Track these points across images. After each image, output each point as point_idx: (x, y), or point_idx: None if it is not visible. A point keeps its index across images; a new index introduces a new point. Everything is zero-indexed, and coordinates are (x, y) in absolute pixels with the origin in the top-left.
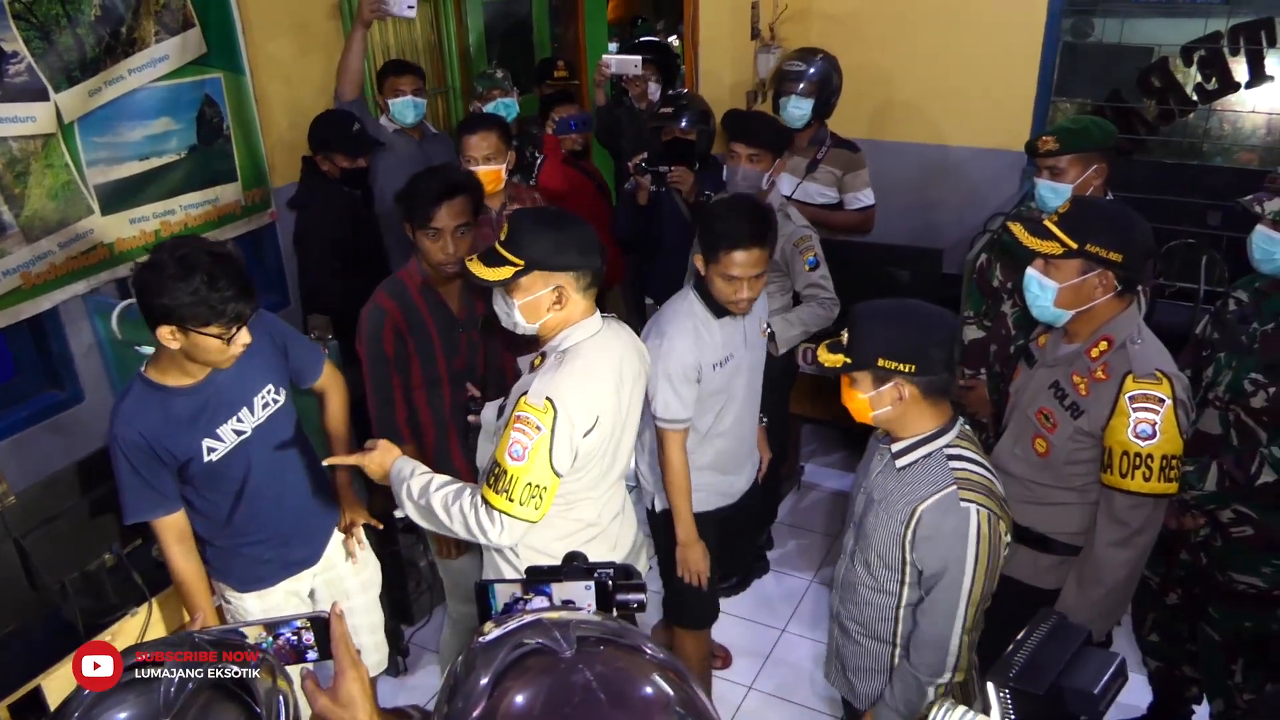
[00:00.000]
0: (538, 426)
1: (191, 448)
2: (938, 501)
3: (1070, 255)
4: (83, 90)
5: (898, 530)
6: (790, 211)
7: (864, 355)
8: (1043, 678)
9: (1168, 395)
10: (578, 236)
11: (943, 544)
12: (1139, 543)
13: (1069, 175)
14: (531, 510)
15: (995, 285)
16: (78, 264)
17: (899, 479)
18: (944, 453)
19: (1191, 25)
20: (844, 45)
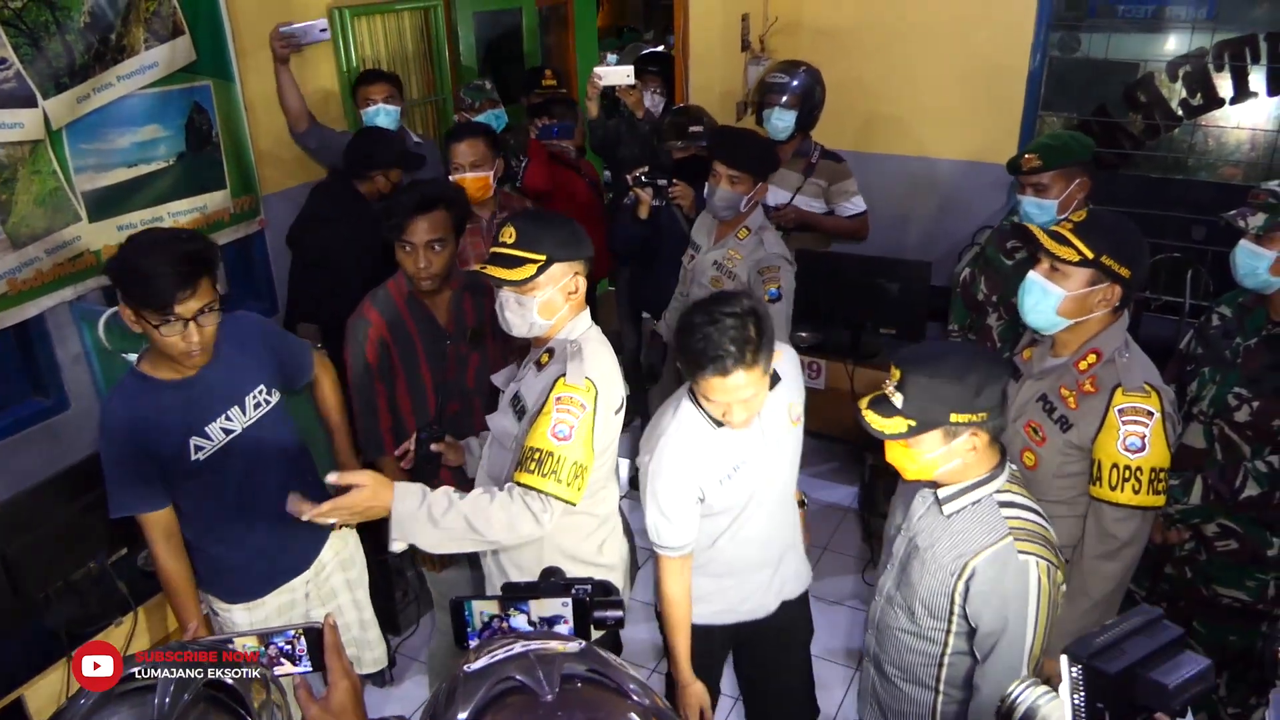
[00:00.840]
0: (583, 405)
1: (177, 444)
2: (994, 554)
3: (1085, 264)
4: (71, 97)
5: (947, 581)
6: (766, 237)
7: (933, 414)
8: (1119, 660)
9: (1156, 408)
10: (575, 230)
11: (1000, 599)
12: (1127, 555)
13: (1053, 191)
14: (575, 491)
15: (980, 299)
16: (64, 270)
17: (947, 527)
18: (995, 499)
19: (1177, 41)
20: (833, 59)
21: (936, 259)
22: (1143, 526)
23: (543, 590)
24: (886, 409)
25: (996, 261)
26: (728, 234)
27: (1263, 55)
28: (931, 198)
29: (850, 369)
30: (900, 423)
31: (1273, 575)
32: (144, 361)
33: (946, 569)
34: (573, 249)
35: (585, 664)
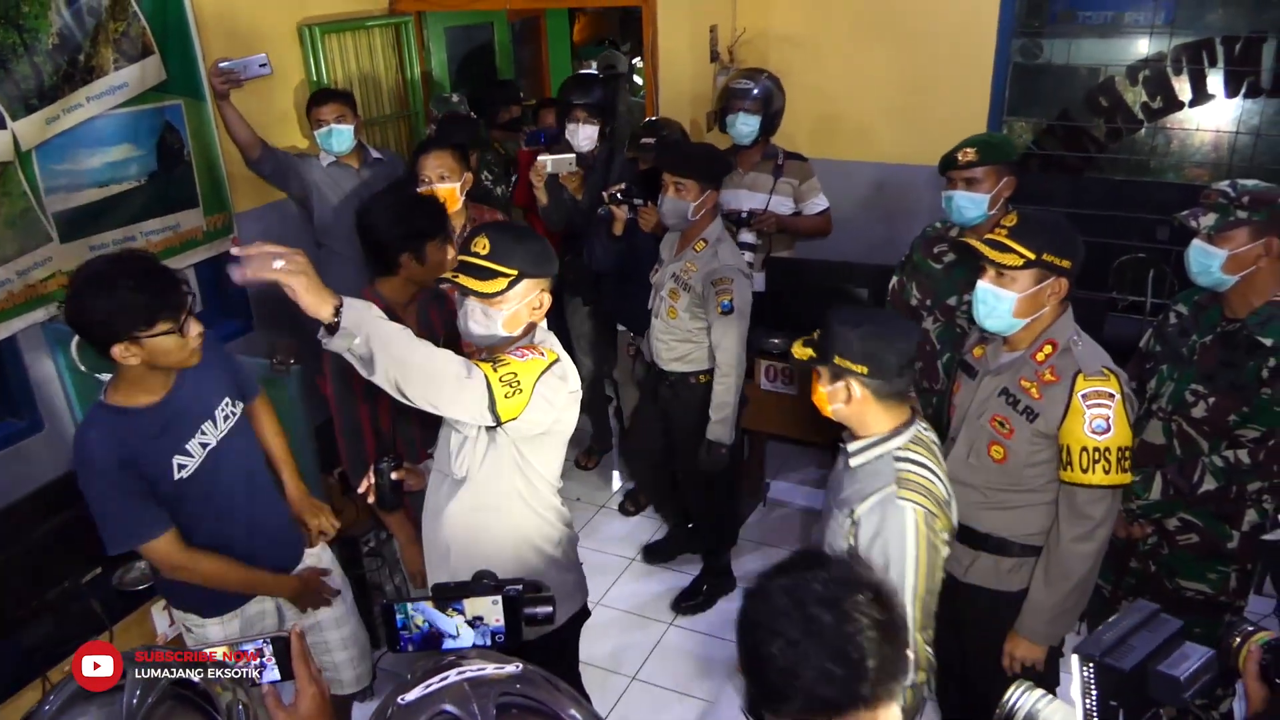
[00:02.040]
0: (541, 355)
1: (159, 467)
2: (878, 500)
3: (1029, 265)
4: (40, 118)
5: (845, 525)
6: (721, 249)
7: (824, 352)
8: (1130, 657)
9: (1116, 390)
10: (546, 247)
11: (882, 541)
12: (1101, 535)
13: (984, 186)
14: (502, 395)
15: (914, 304)
16: (36, 292)
17: (851, 478)
18: (893, 454)
19: (1136, 46)
20: (800, 67)
21: None
22: (1114, 504)
23: (474, 590)
24: (809, 343)
25: (925, 266)
26: (685, 247)
27: (1219, 59)
28: (898, 203)
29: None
30: (807, 352)
31: (1233, 568)
32: (112, 393)
33: (844, 515)
34: (543, 266)
35: (522, 690)
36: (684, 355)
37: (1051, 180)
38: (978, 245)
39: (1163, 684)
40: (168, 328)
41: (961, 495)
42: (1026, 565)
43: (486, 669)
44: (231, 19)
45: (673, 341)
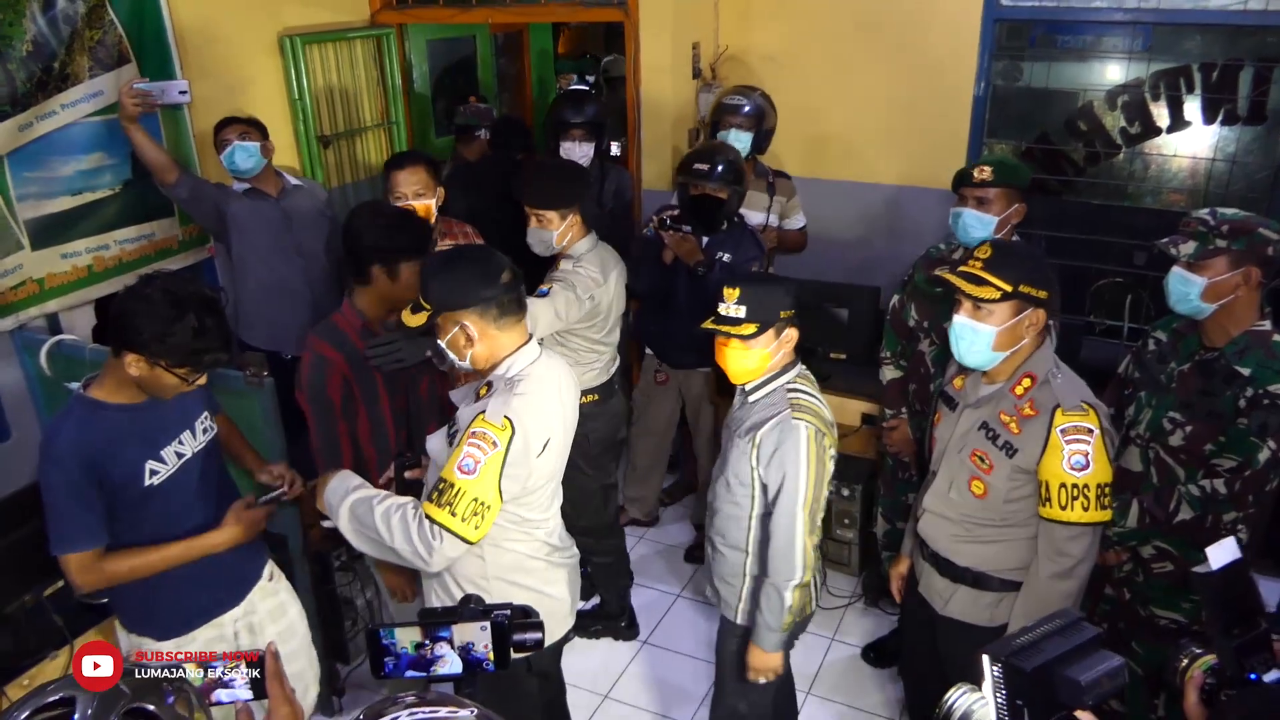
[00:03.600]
0: (494, 443)
1: (132, 469)
2: (775, 422)
3: (1006, 297)
4: (13, 125)
5: (746, 449)
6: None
7: (768, 314)
8: (1036, 659)
9: (1095, 425)
10: (473, 273)
11: (780, 457)
12: (1081, 571)
13: (995, 207)
14: (471, 529)
15: (911, 325)
16: (5, 300)
17: (749, 409)
18: (785, 387)
19: (1114, 71)
20: (783, 85)
21: (885, 283)
22: (1093, 542)
23: (461, 615)
24: (732, 321)
25: (926, 289)
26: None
27: (1197, 85)
28: (879, 222)
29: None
30: (749, 327)
31: None
32: (94, 387)
33: (746, 439)
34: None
35: None
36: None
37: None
38: (952, 278)
39: (1065, 686)
40: (184, 374)
41: (942, 528)
42: (1007, 600)
43: (440, 712)
44: (210, 29)
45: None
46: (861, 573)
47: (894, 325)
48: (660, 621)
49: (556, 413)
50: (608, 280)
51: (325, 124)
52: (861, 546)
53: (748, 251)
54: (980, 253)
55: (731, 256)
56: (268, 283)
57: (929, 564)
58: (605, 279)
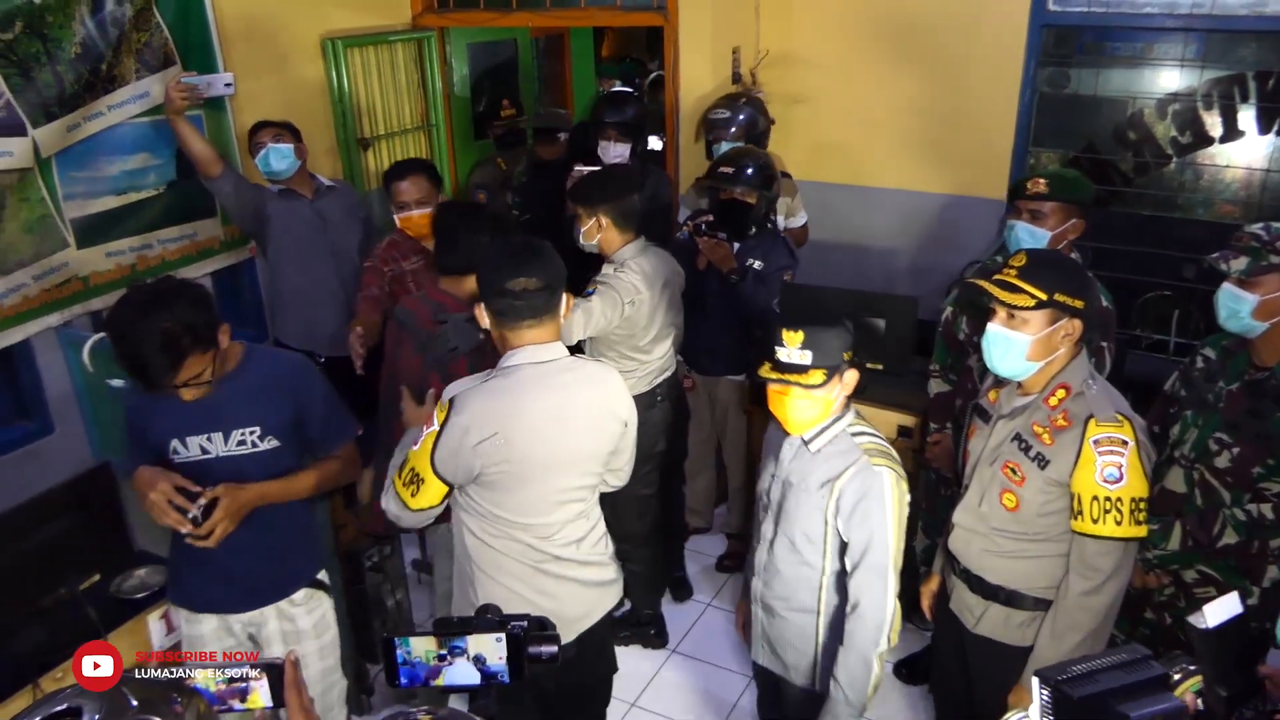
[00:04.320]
0: (431, 420)
1: (162, 441)
2: (854, 472)
3: (1041, 306)
4: (61, 126)
5: (821, 503)
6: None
7: (834, 358)
8: (1087, 688)
9: (1130, 437)
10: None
11: (864, 509)
12: (1112, 587)
13: (1050, 222)
14: (409, 495)
15: (961, 338)
16: (51, 297)
17: (813, 460)
18: (848, 431)
19: (1166, 79)
20: (823, 92)
21: (923, 293)
22: (1126, 558)
23: (476, 626)
24: (798, 369)
25: (978, 301)
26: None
27: (1251, 94)
28: (919, 232)
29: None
30: (817, 374)
31: (1252, 624)
32: None
33: (819, 494)
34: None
35: None
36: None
37: None
38: (987, 286)
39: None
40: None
41: (972, 544)
42: (1040, 619)
43: None
44: (254, 32)
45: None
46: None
47: (945, 338)
48: (689, 630)
49: (525, 411)
50: (652, 288)
51: (365, 126)
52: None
53: (779, 259)
54: (1015, 260)
55: (762, 264)
56: (302, 283)
57: (960, 580)
58: (649, 287)
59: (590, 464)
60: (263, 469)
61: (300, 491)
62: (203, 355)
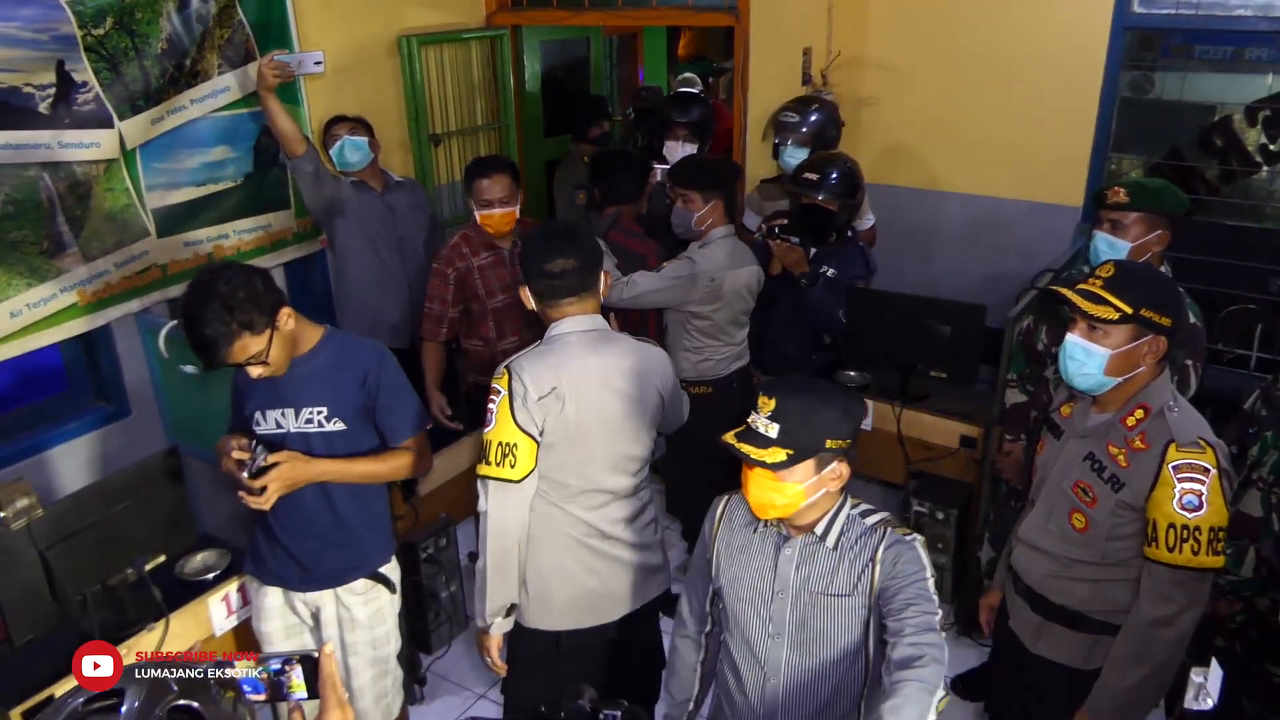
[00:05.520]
0: (497, 391)
1: (249, 412)
2: (887, 545)
3: (1125, 320)
4: (146, 119)
5: (860, 604)
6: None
7: (809, 441)
8: None
9: (1213, 464)
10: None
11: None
12: (1186, 619)
13: (1131, 233)
14: (508, 468)
15: (1040, 349)
16: (132, 284)
17: (835, 559)
18: (855, 515)
19: (1256, 84)
20: (896, 94)
21: (992, 301)
22: (1201, 588)
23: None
24: (759, 440)
25: (1059, 312)
26: None
27: None
28: (991, 238)
29: (898, 411)
30: (778, 452)
31: None
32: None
33: (852, 590)
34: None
35: None
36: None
37: None
38: (1070, 295)
39: None
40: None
41: (1037, 562)
42: (1103, 643)
43: None
44: (332, 28)
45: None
46: (954, 600)
47: (1024, 347)
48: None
49: (573, 370)
50: (734, 270)
51: (437, 123)
52: (955, 573)
53: (854, 268)
54: (1103, 271)
55: (837, 272)
56: (370, 275)
57: (1021, 598)
58: (734, 266)
59: (637, 430)
60: (328, 449)
61: (361, 475)
62: (257, 335)
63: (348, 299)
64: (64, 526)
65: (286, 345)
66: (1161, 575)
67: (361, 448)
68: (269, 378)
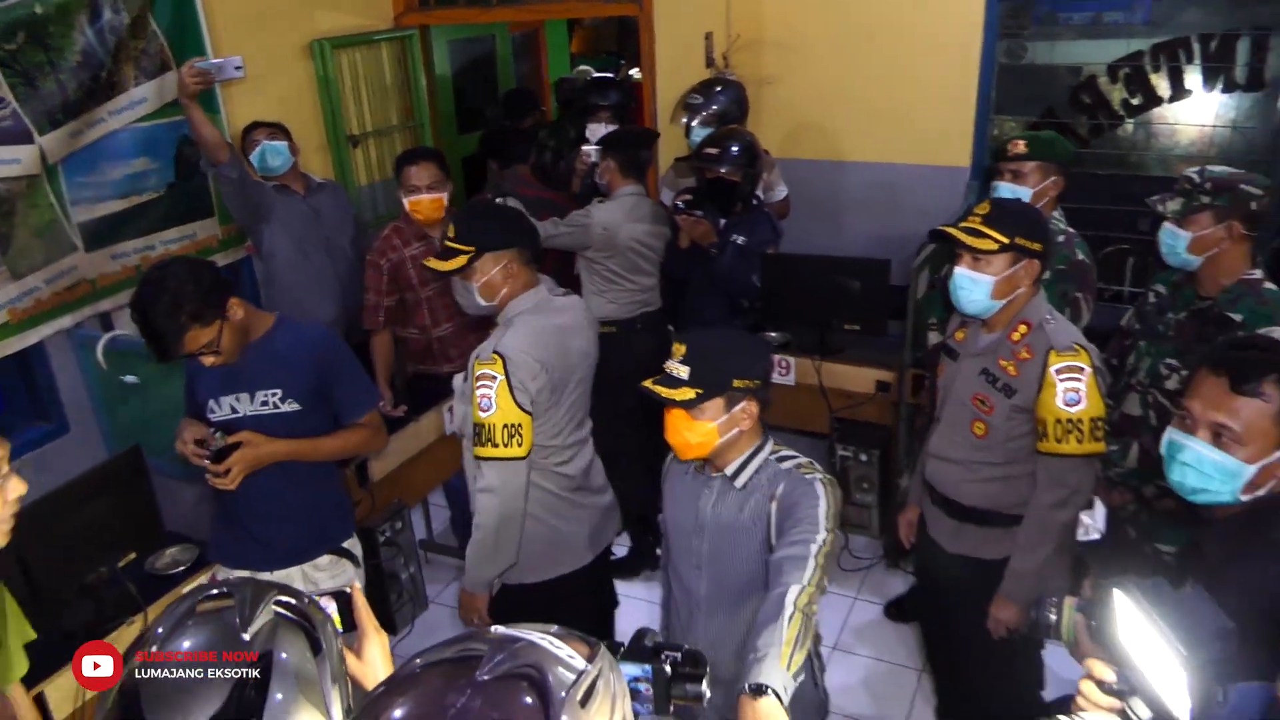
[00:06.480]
0: (493, 376)
1: (202, 400)
2: (787, 484)
3: (1004, 249)
4: (65, 133)
5: (760, 533)
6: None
7: (717, 380)
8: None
9: (1087, 364)
10: (508, 224)
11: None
12: (1076, 501)
13: (1030, 180)
14: (516, 447)
15: None
16: (63, 299)
17: (743, 496)
18: (772, 459)
19: (1116, 45)
20: (794, 72)
21: (896, 256)
22: (1089, 472)
23: (626, 653)
24: (672, 382)
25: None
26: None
27: (1196, 55)
28: (891, 201)
29: (818, 364)
30: (688, 391)
31: None
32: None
33: (756, 525)
34: (498, 240)
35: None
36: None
37: None
38: (954, 232)
39: None
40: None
41: (949, 472)
42: (1010, 534)
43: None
44: (245, 35)
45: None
46: (882, 536)
47: (941, 294)
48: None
49: (550, 341)
50: (632, 222)
51: (354, 124)
52: (881, 510)
53: (762, 234)
54: (980, 210)
55: (746, 239)
56: (299, 277)
57: (938, 507)
58: (630, 221)
59: (590, 378)
60: (285, 429)
61: (319, 452)
62: (207, 327)
63: (278, 302)
64: (38, 529)
65: (237, 334)
66: (1053, 465)
67: (313, 427)
68: (222, 365)
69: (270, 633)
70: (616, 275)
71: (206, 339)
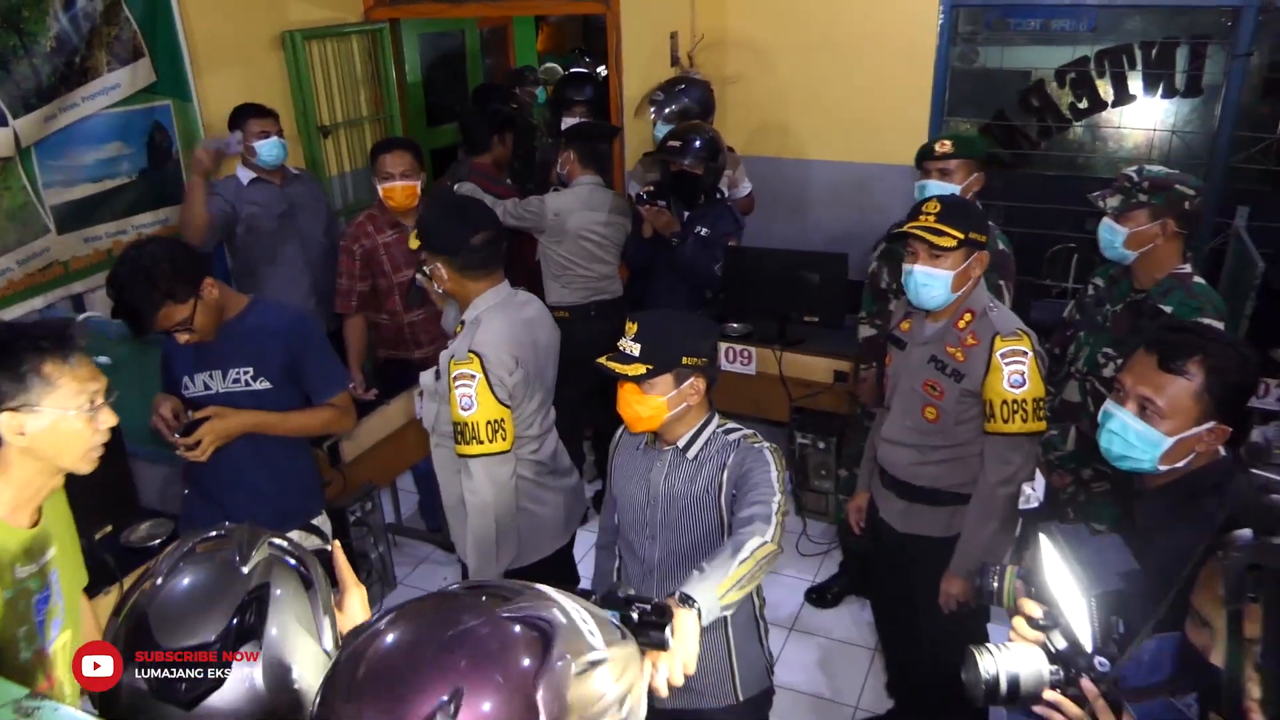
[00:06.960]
0: (471, 375)
1: (177, 377)
2: (736, 455)
3: (960, 245)
4: (39, 116)
5: (713, 500)
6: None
7: (666, 357)
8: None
9: (1029, 348)
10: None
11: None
12: (1022, 476)
13: (957, 177)
14: (500, 442)
15: (883, 287)
16: (35, 280)
17: (694, 467)
18: (719, 432)
19: (1063, 52)
20: (757, 72)
21: (853, 251)
22: (1033, 450)
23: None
24: (624, 358)
25: (898, 254)
26: None
27: (1138, 62)
28: (851, 198)
29: (778, 355)
30: (639, 367)
31: None
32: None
33: (708, 493)
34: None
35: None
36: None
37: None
38: (916, 231)
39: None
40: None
41: (900, 455)
42: (959, 512)
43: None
44: (217, 26)
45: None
46: (838, 521)
47: (871, 288)
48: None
49: (521, 337)
50: (585, 211)
51: (325, 115)
52: (837, 496)
53: (724, 226)
54: (930, 208)
55: (709, 231)
56: (271, 266)
57: (889, 490)
58: (584, 209)
59: (553, 366)
60: (256, 407)
61: (288, 427)
62: (181, 304)
63: (250, 290)
64: None
65: (212, 313)
66: (1000, 443)
67: (284, 405)
68: (197, 343)
69: (266, 568)
70: (570, 262)
71: (180, 316)
